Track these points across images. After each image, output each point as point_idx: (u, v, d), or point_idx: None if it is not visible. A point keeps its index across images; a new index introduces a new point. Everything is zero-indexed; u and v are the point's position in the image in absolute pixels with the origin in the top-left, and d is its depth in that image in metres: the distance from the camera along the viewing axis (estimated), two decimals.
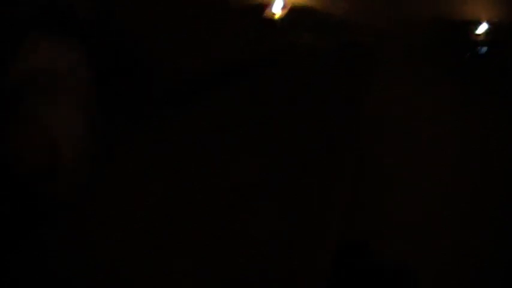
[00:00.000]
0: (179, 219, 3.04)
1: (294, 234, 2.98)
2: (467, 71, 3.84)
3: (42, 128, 2.55)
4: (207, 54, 3.37)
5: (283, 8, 3.76)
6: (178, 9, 3.48)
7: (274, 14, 3.76)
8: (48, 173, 2.55)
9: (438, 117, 3.57)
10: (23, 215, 2.53)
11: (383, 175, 3.33)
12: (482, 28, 3.77)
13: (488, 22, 3.80)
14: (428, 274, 2.84)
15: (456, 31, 3.86)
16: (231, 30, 3.48)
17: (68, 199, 2.67)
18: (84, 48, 3.13)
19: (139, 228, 2.98)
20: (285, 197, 2.82)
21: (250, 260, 2.84)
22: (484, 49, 3.80)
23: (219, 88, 3.28)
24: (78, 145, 2.64)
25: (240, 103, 3.16)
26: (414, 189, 3.32)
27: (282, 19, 3.80)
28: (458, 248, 2.99)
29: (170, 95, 3.24)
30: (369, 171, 3.24)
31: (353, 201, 2.76)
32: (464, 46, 3.85)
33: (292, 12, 3.82)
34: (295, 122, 3.07)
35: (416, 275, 2.60)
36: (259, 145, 2.93)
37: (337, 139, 2.96)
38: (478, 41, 3.83)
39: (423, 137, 3.47)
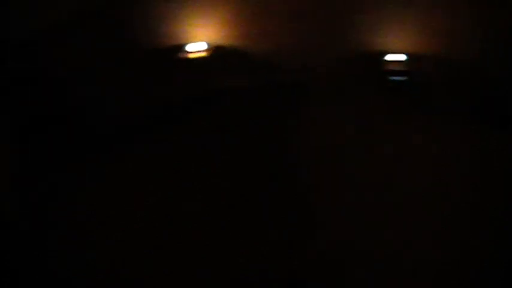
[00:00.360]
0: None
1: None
2: (386, 98, 4.07)
3: None
4: (133, 100, 3.47)
5: (207, 49, 3.79)
6: (104, 56, 3.57)
7: (195, 54, 3.76)
8: None
9: (370, 141, 3.74)
10: None
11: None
12: (398, 58, 3.95)
13: (403, 52, 4.07)
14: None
15: (374, 62, 4.05)
16: (157, 75, 3.58)
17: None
18: (19, 100, 3.19)
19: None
20: None
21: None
22: (400, 77, 4.07)
23: (148, 134, 3.42)
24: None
25: (168, 149, 3.33)
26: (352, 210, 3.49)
27: (208, 60, 3.82)
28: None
29: (99, 141, 3.34)
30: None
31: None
32: (381, 75, 4.06)
33: (217, 53, 3.88)
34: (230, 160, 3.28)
35: None
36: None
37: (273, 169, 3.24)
38: (394, 70, 4.08)
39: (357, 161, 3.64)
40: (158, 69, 3.72)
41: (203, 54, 3.82)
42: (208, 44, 3.85)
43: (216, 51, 3.90)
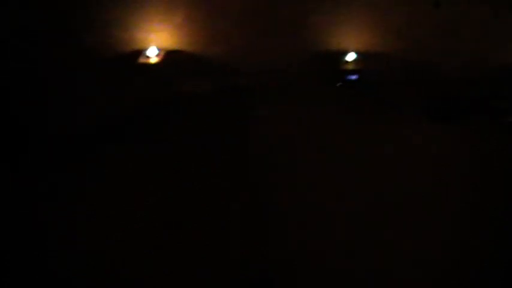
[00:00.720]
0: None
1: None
2: (341, 96, 4.11)
3: None
4: (89, 108, 3.48)
5: (159, 54, 3.81)
6: (55, 64, 3.56)
7: (149, 60, 3.79)
8: None
9: (324, 140, 3.73)
10: None
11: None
12: (351, 57, 4.06)
13: (356, 52, 4.09)
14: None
15: (328, 61, 4.10)
16: (112, 81, 3.59)
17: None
18: None
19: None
20: None
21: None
22: (354, 76, 4.14)
23: (105, 143, 3.42)
24: None
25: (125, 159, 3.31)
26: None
27: (161, 65, 3.84)
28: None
29: (56, 152, 3.32)
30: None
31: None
32: (335, 74, 4.11)
33: (169, 58, 3.92)
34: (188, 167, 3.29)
35: None
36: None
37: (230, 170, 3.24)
38: (347, 70, 4.11)
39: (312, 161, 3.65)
40: (112, 75, 3.74)
41: (156, 59, 3.81)
42: (160, 49, 3.84)
43: (169, 56, 3.88)
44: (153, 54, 3.78)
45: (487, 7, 3.90)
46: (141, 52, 3.85)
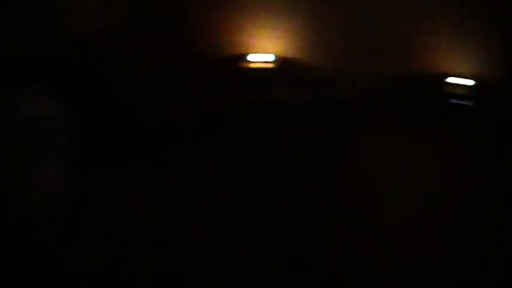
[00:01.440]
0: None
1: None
2: (445, 121, 4.01)
3: (23, 175, 2.59)
4: (187, 105, 3.47)
5: (266, 60, 3.83)
6: (163, 62, 3.55)
7: (256, 65, 3.82)
8: (29, 219, 2.59)
9: (422, 163, 3.61)
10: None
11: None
12: (458, 82, 3.90)
13: (464, 77, 3.92)
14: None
15: (431, 84, 4.00)
16: (213, 82, 3.58)
17: (47, 245, 2.70)
18: (71, 98, 3.15)
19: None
20: None
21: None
22: (459, 102, 4.01)
23: (200, 138, 3.42)
24: (57, 194, 2.69)
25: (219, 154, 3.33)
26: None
27: (265, 71, 3.85)
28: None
29: (153, 142, 3.35)
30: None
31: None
32: (439, 98, 4.00)
33: (279, 65, 3.91)
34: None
35: None
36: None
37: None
38: (458, 94, 3.92)
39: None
40: (218, 76, 3.71)
41: (266, 65, 3.85)
42: (272, 55, 3.90)
43: (279, 63, 3.91)
44: (265, 60, 3.86)
45: None
46: (249, 56, 3.94)
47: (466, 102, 3.94)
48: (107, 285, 2.67)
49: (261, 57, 3.87)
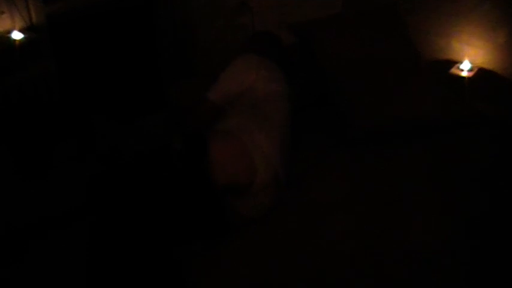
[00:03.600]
0: None
1: None
2: None
3: (243, 146, 2.52)
4: (392, 109, 3.22)
5: (470, 69, 3.69)
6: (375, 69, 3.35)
7: (461, 73, 3.69)
8: (242, 189, 2.50)
9: None
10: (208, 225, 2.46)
11: None
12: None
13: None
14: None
15: None
16: (420, 86, 3.34)
17: (255, 216, 2.56)
18: (292, 79, 3.18)
19: None
20: None
21: None
22: None
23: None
24: (274, 167, 2.59)
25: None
26: None
27: (469, 80, 3.68)
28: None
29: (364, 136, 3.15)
30: None
31: None
32: None
33: (479, 75, 3.73)
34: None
35: None
36: None
37: None
38: None
39: None
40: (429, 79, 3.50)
41: (467, 74, 3.76)
42: (473, 65, 3.80)
43: (479, 74, 3.79)
44: (465, 68, 3.76)
45: None
46: (454, 63, 3.86)
47: None
48: None
49: (465, 66, 3.79)
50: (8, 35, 3.55)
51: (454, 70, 3.82)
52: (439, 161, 3.00)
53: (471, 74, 3.78)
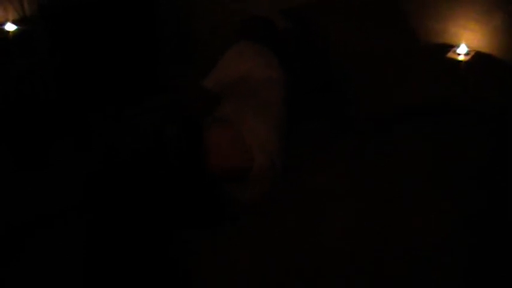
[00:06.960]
0: None
1: None
2: None
3: (239, 133, 2.52)
4: (392, 95, 3.25)
5: (467, 53, 3.62)
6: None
7: (458, 57, 3.62)
8: (239, 176, 2.50)
9: None
10: (206, 212, 2.45)
11: None
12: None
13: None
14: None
15: None
16: (418, 72, 3.36)
17: (252, 203, 2.57)
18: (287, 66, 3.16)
19: None
20: None
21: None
22: None
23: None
24: (270, 154, 2.59)
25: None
26: None
27: (466, 64, 3.62)
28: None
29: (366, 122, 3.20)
30: None
31: None
32: None
33: (476, 59, 3.66)
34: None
35: None
36: None
37: None
38: None
39: None
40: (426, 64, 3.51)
41: (464, 57, 3.69)
42: (469, 49, 3.74)
43: (477, 58, 3.72)
44: (462, 52, 3.71)
45: None
46: (450, 47, 3.79)
47: None
48: None
49: (461, 49, 3.72)
50: (2, 26, 3.50)
51: (451, 54, 3.77)
52: (439, 158, 2.99)
53: (468, 57, 3.73)
